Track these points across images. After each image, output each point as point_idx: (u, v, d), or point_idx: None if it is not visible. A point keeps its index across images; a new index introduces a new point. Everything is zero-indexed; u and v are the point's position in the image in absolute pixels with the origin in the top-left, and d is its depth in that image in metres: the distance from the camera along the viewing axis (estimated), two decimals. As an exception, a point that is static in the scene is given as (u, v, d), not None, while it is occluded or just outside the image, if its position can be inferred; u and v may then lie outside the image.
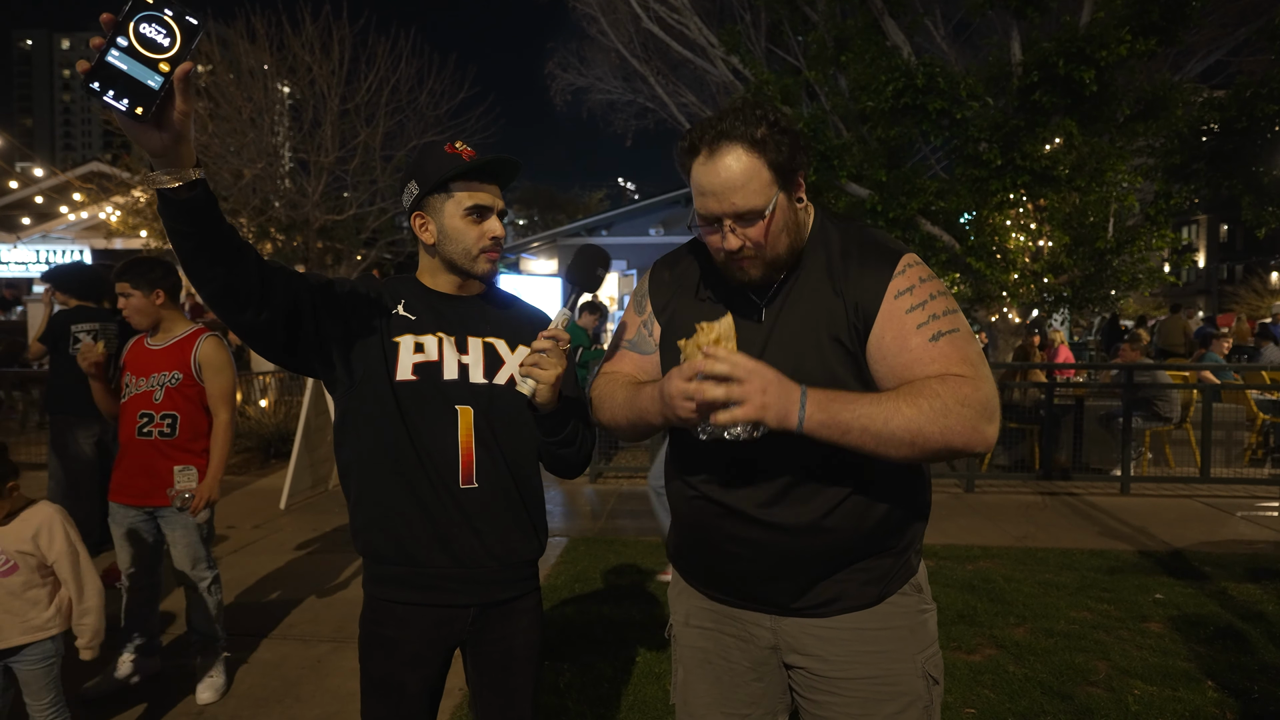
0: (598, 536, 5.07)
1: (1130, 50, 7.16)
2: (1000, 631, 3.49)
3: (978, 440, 1.17)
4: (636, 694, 2.94)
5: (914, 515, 1.40)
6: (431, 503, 1.49)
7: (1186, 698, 2.89)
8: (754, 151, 1.23)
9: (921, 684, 1.35)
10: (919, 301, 1.26)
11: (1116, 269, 8.16)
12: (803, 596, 1.35)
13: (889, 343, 1.25)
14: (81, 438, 4.45)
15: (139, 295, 2.86)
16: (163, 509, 2.91)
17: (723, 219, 1.25)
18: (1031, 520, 5.55)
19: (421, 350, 1.52)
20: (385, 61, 12.08)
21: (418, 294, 1.59)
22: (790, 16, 10.72)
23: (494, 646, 1.59)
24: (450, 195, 1.53)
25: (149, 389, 2.88)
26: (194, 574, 2.95)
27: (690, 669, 1.48)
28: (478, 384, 1.53)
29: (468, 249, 1.55)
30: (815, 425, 1.15)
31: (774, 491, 1.31)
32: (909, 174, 8.50)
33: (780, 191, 1.25)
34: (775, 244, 1.28)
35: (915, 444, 1.15)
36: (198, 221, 1.19)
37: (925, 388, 1.18)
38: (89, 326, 4.49)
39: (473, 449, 1.51)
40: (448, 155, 1.52)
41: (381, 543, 1.52)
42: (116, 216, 13.11)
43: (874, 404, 1.16)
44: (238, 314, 1.32)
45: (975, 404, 1.17)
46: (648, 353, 1.47)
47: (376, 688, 1.55)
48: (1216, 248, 40.80)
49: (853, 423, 1.15)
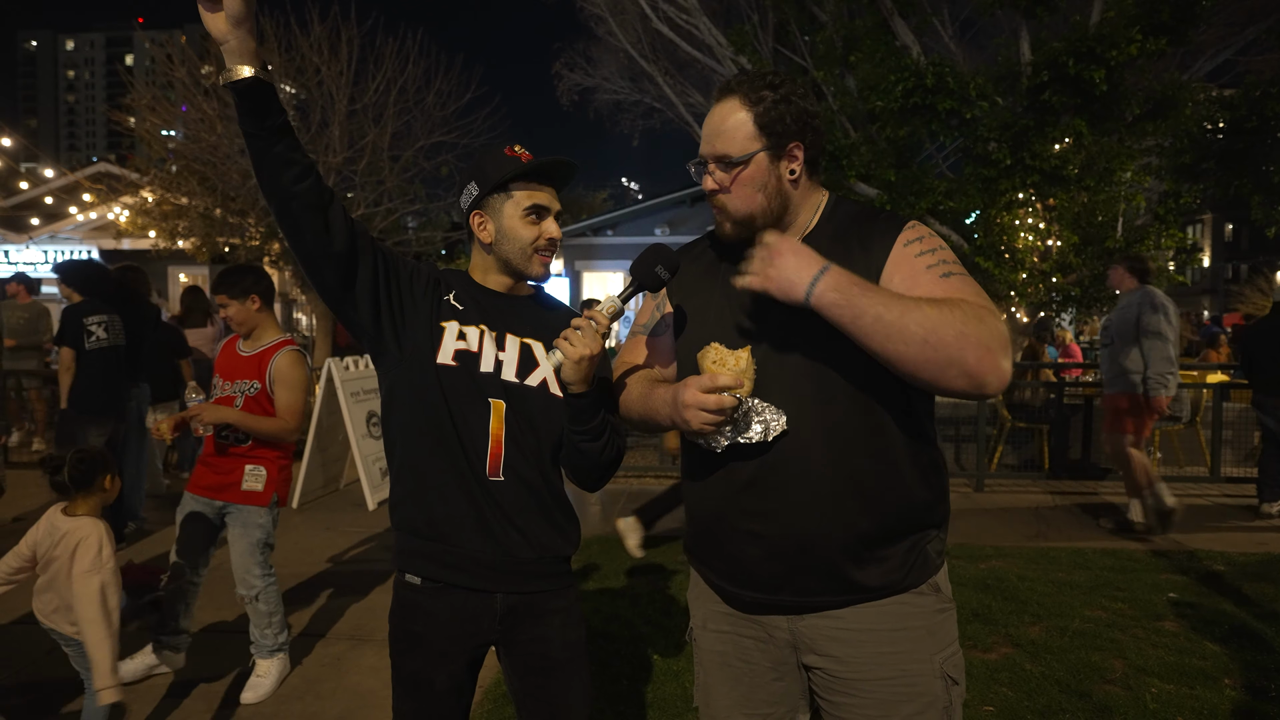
0: (610, 535, 5.09)
1: (1140, 50, 7.16)
2: (1016, 630, 3.50)
3: (990, 364, 1.15)
4: (656, 692, 2.96)
5: (930, 506, 1.37)
6: (468, 486, 1.52)
7: (1204, 696, 2.90)
8: (747, 105, 1.32)
9: (940, 685, 1.34)
10: (928, 249, 1.30)
11: (1125, 269, 8.14)
12: (817, 588, 1.34)
13: (899, 282, 1.27)
14: (92, 436, 4.48)
15: (235, 304, 2.93)
16: (231, 505, 2.98)
17: (706, 160, 1.36)
18: (1042, 519, 5.55)
19: (464, 339, 1.54)
20: (393, 62, 12.11)
21: (467, 287, 1.62)
22: (798, 16, 10.72)
23: (529, 647, 1.57)
24: (510, 195, 1.57)
25: (231, 394, 2.95)
26: (247, 577, 2.99)
27: (710, 672, 1.49)
28: (509, 381, 1.55)
29: (524, 249, 1.58)
30: (826, 303, 1.17)
31: (789, 482, 1.31)
32: (917, 174, 8.51)
33: (764, 152, 1.32)
34: (744, 198, 1.35)
35: (928, 343, 1.13)
36: (258, 119, 1.27)
37: (947, 300, 1.19)
38: (100, 318, 4.55)
39: (502, 442, 1.53)
40: (508, 157, 1.55)
41: (416, 517, 1.55)
42: (125, 217, 13.16)
43: (895, 297, 1.17)
44: (299, 230, 1.36)
45: (993, 326, 1.16)
46: (660, 335, 1.53)
47: (405, 684, 1.56)
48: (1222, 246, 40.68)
49: (867, 308, 1.15)
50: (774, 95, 1.31)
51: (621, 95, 16.13)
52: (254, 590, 2.98)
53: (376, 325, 1.51)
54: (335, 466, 6.36)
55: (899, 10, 8.85)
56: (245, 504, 2.97)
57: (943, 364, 1.15)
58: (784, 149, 1.33)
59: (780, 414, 1.29)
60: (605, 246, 18.36)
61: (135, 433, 5.09)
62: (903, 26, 8.92)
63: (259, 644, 3.04)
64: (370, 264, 1.46)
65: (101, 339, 4.53)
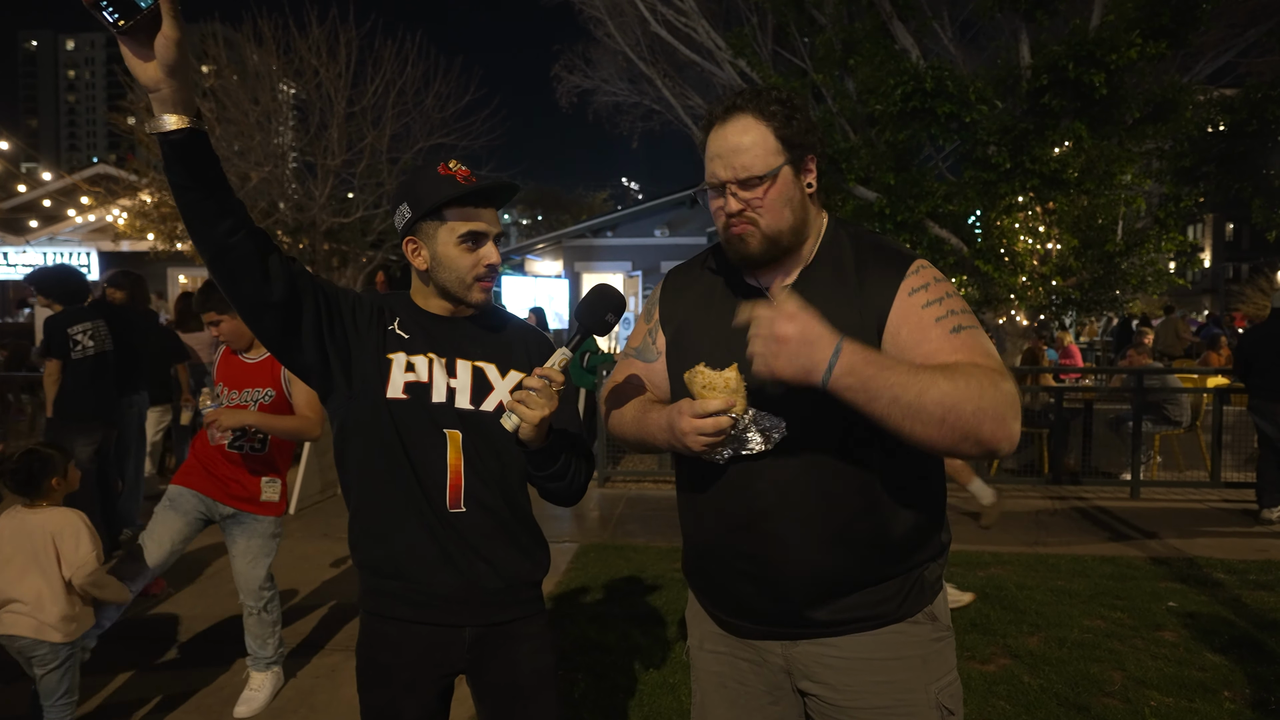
0: (608, 543, 5.07)
1: (1140, 53, 7.13)
2: (1014, 641, 3.48)
3: (1004, 434, 1.12)
4: (651, 705, 2.94)
5: (927, 541, 1.36)
6: (427, 521, 1.47)
7: (1203, 709, 2.88)
8: (763, 119, 1.28)
9: (935, 715, 1.33)
10: (934, 298, 1.25)
11: (1125, 271, 8.14)
12: (811, 616, 1.33)
13: (906, 336, 1.23)
14: (80, 445, 4.44)
15: (228, 319, 2.86)
16: (240, 514, 2.93)
17: (726, 184, 1.28)
18: (1041, 525, 5.53)
19: (413, 370, 1.48)
20: (392, 64, 12.12)
21: (411, 313, 1.55)
22: (797, 19, 10.70)
23: (497, 675, 1.54)
24: (444, 221, 1.46)
25: (243, 404, 2.89)
26: (254, 588, 2.94)
27: (707, 692, 1.49)
28: (464, 409, 1.49)
29: (461, 277, 1.49)
30: (841, 387, 1.11)
31: (784, 511, 1.30)
32: (917, 177, 8.49)
33: (786, 164, 1.28)
34: (775, 215, 1.29)
35: (946, 421, 1.10)
36: (192, 171, 1.20)
37: (959, 367, 1.14)
38: (84, 326, 4.49)
39: (461, 473, 1.48)
40: (441, 177, 1.45)
41: (377, 555, 1.51)
42: (124, 219, 13.15)
43: (910, 373, 1.11)
44: (236, 284, 1.31)
45: (1006, 392, 1.13)
46: (650, 360, 1.48)
47: (373, 717, 1.54)
48: (1222, 247, 40.64)
49: (883, 390, 1.10)
50: (785, 108, 1.28)
51: (620, 97, 16.12)
52: (261, 601, 2.95)
53: (324, 366, 1.45)
54: (333, 471, 6.35)
55: (898, 14, 8.82)
56: (263, 515, 2.94)
57: (958, 439, 1.12)
58: (803, 162, 1.31)
59: (779, 420, 1.27)
60: (605, 248, 18.34)
61: (134, 439, 5.07)
62: (902, 30, 8.89)
63: (256, 656, 3.01)
64: (312, 306, 1.40)
65: (88, 347, 4.46)
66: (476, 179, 1.47)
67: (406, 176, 1.56)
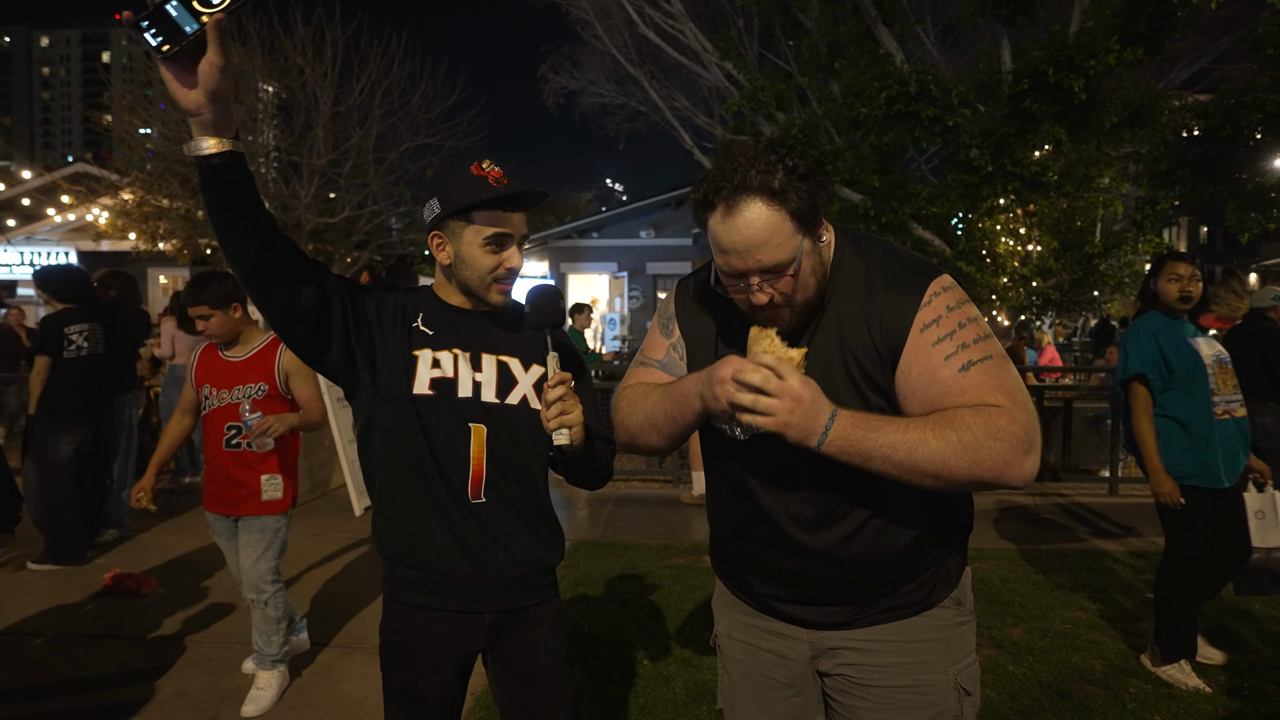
0: (599, 540, 5.11)
1: (1118, 59, 7.31)
2: (999, 632, 3.57)
3: (1012, 475, 1.14)
4: (647, 696, 2.99)
5: (954, 528, 1.40)
6: (449, 511, 1.52)
7: (1181, 695, 2.97)
8: (774, 203, 1.17)
9: (952, 695, 1.36)
10: (946, 332, 1.22)
11: (1104, 273, 8.31)
12: (838, 615, 1.37)
13: (916, 377, 1.22)
14: (63, 443, 4.43)
15: (219, 314, 2.84)
16: (245, 517, 2.95)
17: (747, 274, 1.21)
18: (1025, 521, 5.65)
19: (438, 366, 1.52)
20: (377, 64, 12.07)
21: (435, 308, 1.58)
22: (783, 23, 10.82)
23: (514, 655, 1.60)
24: (471, 222, 1.49)
25: (234, 401, 2.87)
26: (259, 583, 2.95)
27: (736, 679, 1.53)
28: (490, 403, 1.53)
29: (481, 277, 1.52)
30: (835, 450, 1.14)
31: (813, 509, 1.33)
32: (901, 179, 8.62)
33: (805, 239, 1.21)
34: (805, 289, 1.25)
35: (940, 477, 1.14)
36: (230, 193, 1.21)
37: (957, 418, 1.15)
38: (80, 327, 4.50)
39: (484, 465, 1.52)
40: (474, 178, 1.47)
41: (400, 547, 1.55)
42: (105, 218, 13.00)
43: (899, 432, 1.13)
44: (269, 299, 1.33)
45: (1009, 436, 1.13)
46: (678, 375, 1.45)
47: (397, 696, 1.59)
48: (1197, 249, 41.37)
49: (874, 451, 1.13)
50: (786, 174, 1.18)
51: (607, 98, 16.17)
52: (264, 595, 2.96)
53: (350, 366, 1.48)
54: (322, 471, 6.33)
55: (883, 18, 8.96)
56: (266, 513, 2.96)
57: (958, 486, 1.16)
58: (816, 224, 1.24)
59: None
60: (591, 249, 18.38)
61: (124, 440, 5.05)
62: (886, 34, 9.02)
63: (262, 653, 3.02)
64: (340, 310, 1.43)
65: (81, 348, 4.46)
66: (508, 181, 1.49)
67: (439, 170, 1.62)
